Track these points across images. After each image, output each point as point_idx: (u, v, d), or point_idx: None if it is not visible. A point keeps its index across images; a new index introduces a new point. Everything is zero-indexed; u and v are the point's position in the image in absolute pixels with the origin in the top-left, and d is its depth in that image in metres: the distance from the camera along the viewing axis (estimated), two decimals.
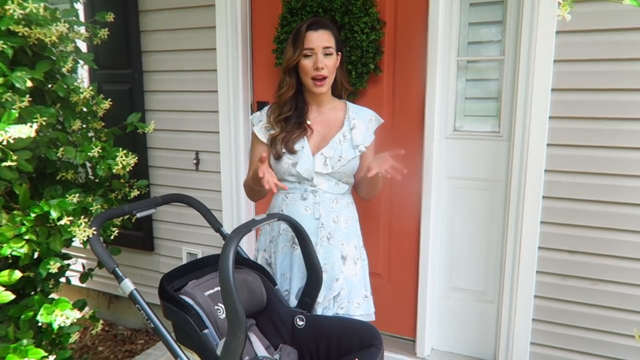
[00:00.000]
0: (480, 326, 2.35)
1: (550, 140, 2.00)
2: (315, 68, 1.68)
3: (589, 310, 2.04)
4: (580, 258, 2.03)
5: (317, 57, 1.68)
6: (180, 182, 2.86)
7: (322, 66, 1.68)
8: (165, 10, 2.70)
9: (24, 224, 1.46)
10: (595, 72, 1.91)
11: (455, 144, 2.29)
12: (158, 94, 2.84)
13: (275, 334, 1.71)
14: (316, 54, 1.69)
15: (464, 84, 2.27)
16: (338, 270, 1.75)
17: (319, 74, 1.69)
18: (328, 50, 1.70)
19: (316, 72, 1.69)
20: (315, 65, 1.68)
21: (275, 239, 1.82)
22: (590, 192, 1.98)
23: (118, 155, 1.69)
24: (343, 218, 1.77)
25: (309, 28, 1.70)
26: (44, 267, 1.50)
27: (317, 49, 1.68)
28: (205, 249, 2.84)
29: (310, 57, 1.69)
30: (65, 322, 1.42)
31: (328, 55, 1.70)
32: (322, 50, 1.69)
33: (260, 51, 2.62)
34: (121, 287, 1.51)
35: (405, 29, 2.29)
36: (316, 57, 1.68)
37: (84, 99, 1.70)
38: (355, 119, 1.79)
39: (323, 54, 1.69)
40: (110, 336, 3.16)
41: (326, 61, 1.69)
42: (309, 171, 1.72)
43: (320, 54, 1.69)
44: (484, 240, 2.30)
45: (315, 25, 1.71)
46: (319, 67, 1.68)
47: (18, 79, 1.36)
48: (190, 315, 1.49)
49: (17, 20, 1.43)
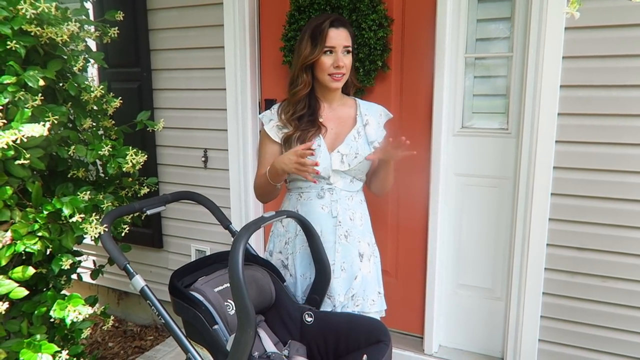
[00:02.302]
0: (488, 323, 2.35)
1: (559, 137, 2.00)
2: (337, 66, 1.66)
3: (598, 308, 2.03)
4: (589, 255, 2.02)
5: (337, 55, 1.66)
6: (188, 180, 2.88)
7: (343, 64, 1.66)
8: (173, 9, 2.72)
9: (37, 221, 1.48)
10: (605, 68, 1.90)
11: (463, 141, 2.29)
12: (167, 92, 2.86)
13: (284, 330, 1.72)
14: (337, 52, 1.66)
15: (472, 80, 2.27)
16: (357, 268, 1.74)
17: (338, 72, 1.68)
18: (348, 48, 1.68)
19: (336, 69, 1.67)
20: (336, 63, 1.66)
21: (291, 240, 1.79)
22: (599, 189, 1.97)
23: (128, 154, 1.71)
24: (358, 215, 1.77)
25: (332, 25, 1.66)
26: (57, 264, 1.53)
27: (338, 47, 1.66)
28: (214, 246, 2.86)
29: (329, 55, 1.67)
30: (77, 317, 1.44)
31: (347, 54, 1.69)
32: (343, 48, 1.67)
33: (268, 49, 2.63)
34: (132, 283, 1.52)
35: (413, 26, 2.28)
36: (337, 55, 1.66)
37: (94, 97, 1.71)
38: (368, 115, 1.78)
39: (344, 52, 1.67)
40: (120, 332, 3.19)
41: (345, 60, 1.68)
42: (327, 169, 1.70)
43: (341, 52, 1.67)
44: (492, 237, 2.29)
45: (336, 22, 1.67)
46: (340, 65, 1.66)
47: (31, 78, 1.38)
48: (200, 311, 1.50)
49: (30, 20, 1.45)
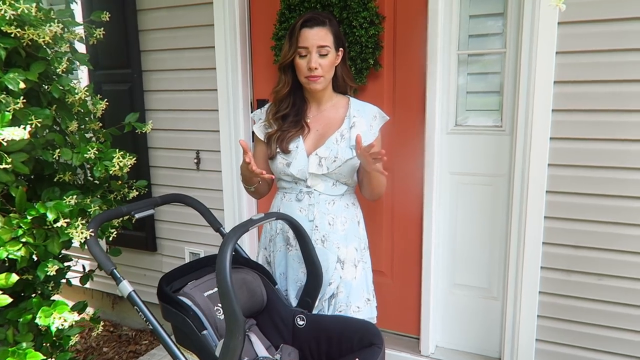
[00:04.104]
0: (485, 323, 2.33)
1: (554, 134, 1.97)
2: (309, 68, 1.62)
3: (595, 306, 2.01)
4: (585, 253, 2.00)
5: (311, 56, 1.61)
6: (181, 182, 2.85)
7: (316, 66, 1.61)
8: (163, 9, 2.69)
9: (20, 226, 1.45)
10: (599, 63, 1.88)
11: (457, 139, 2.26)
12: (158, 93, 2.83)
13: (276, 334, 1.69)
14: (310, 53, 1.61)
15: (466, 77, 2.24)
16: (332, 274, 1.70)
17: (312, 74, 1.63)
18: (324, 49, 1.62)
19: (310, 72, 1.62)
20: (308, 64, 1.61)
21: (273, 238, 1.80)
22: (594, 186, 1.95)
23: (115, 157, 1.68)
24: (340, 220, 1.71)
25: (303, 25, 1.62)
26: (42, 270, 1.49)
27: (311, 48, 1.61)
28: (208, 248, 2.83)
29: (304, 56, 1.63)
30: (63, 324, 1.41)
31: (323, 55, 1.62)
32: (317, 49, 1.61)
33: (259, 48, 2.60)
34: (119, 288, 1.49)
35: (404, 23, 2.26)
36: (310, 56, 1.61)
37: (79, 99, 1.68)
38: (357, 117, 1.71)
39: (318, 53, 1.62)
40: (115, 337, 3.16)
41: (321, 60, 1.62)
42: (303, 172, 1.67)
43: (315, 53, 1.61)
44: (488, 236, 2.27)
45: (310, 22, 1.62)
46: (312, 66, 1.61)
47: (11, 80, 1.35)
48: (188, 316, 1.48)
49: (9, 21, 1.41)
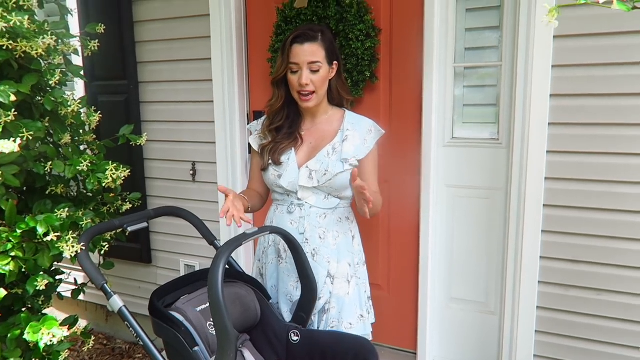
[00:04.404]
0: (482, 338, 2.30)
1: (550, 147, 1.96)
2: (300, 84, 1.61)
3: (593, 322, 1.98)
4: (583, 268, 1.97)
5: (301, 72, 1.61)
6: (177, 193, 2.83)
7: (307, 82, 1.60)
8: (159, 21, 2.69)
9: (10, 240, 1.43)
10: (595, 77, 1.87)
11: (453, 151, 2.24)
12: (154, 104, 2.82)
13: (270, 350, 1.67)
14: (301, 69, 1.61)
15: (462, 90, 2.23)
16: (322, 288, 1.67)
17: (303, 90, 1.62)
18: (315, 65, 1.61)
19: (300, 88, 1.62)
20: (299, 81, 1.61)
21: (266, 250, 1.80)
22: (592, 200, 1.93)
23: (108, 169, 1.67)
24: (332, 234, 1.69)
25: (294, 41, 1.61)
26: (31, 284, 1.47)
27: (302, 64, 1.60)
28: (204, 260, 2.80)
29: (295, 72, 1.62)
30: (51, 340, 1.39)
31: (315, 72, 1.61)
32: (308, 65, 1.60)
33: (255, 60, 2.60)
34: (110, 303, 1.47)
35: (401, 35, 2.25)
36: (301, 72, 1.61)
37: (72, 111, 1.67)
38: (350, 130, 1.69)
39: (309, 69, 1.61)
40: (109, 350, 3.12)
41: (312, 76, 1.61)
42: (293, 184, 1.67)
43: (306, 69, 1.60)
44: (485, 250, 2.25)
45: (300, 38, 1.60)
46: (302, 83, 1.60)
47: (2, 93, 1.33)
48: (180, 332, 1.46)
49: (1, 34, 1.40)
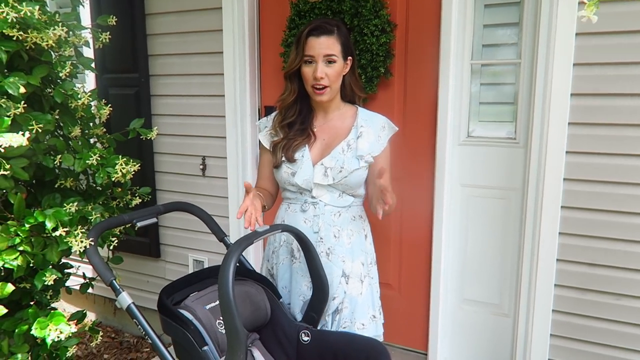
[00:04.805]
0: (495, 340, 2.25)
1: (570, 148, 1.91)
2: (314, 77, 1.58)
3: (611, 327, 1.93)
4: (601, 271, 1.93)
5: (317, 65, 1.58)
6: (186, 188, 2.81)
7: (322, 75, 1.57)
8: (172, 14, 2.66)
9: (18, 234, 1.41)
10: (618, 76, 1.81)
11: (468, 150, 2.20)
12: (165, 98, 2.80)
13: (280, 350, 1.64)
14: (316, 62, 1.58)
15: (478, 88, 2.18)
16: (336, 288, 1.65)
17: (317, 84, 1.59)
18: (330, 58, 1.58)
19: (315, 81, 1.59)
20: (314, 74, 1.58)
21: (277, 250, 1.75)
22: (611, 202, 1.88)
23: (118, 163, 1.64)
24: (346, 233, 1.66)
25: (310, 34, 1.58)
26: (39, 279, 1.45)
27: (317, 57, 1.57)
28: (212, 256, 2.78)
29: (310, 65, 1.59)
30: (59, 336, 1.37)
31: (330, 63, 1.58)
32: (323, 58, 1.57)
33: (267, 54, 2.56)
34: (119, 300, 1.45)
35: (416, 31, 2.21)
36: (316, 65, 1.58)
37: (82, 104, 1.64)
38: (364, 127, 1.66)
39: (324, 62, 1.58)
40: (116, 343, 3.12)
41: (327, 70, 1.58)
42: (308, 182, 1.63)
43: (321, 62, 1.57)
44: (499, 251, 2.20)
45: (316, 30, 1.57)
46: (317, 76, 1.57)
47: (11, 84, 1.31)
48: (189, 330, 1.42)
49: (12, 24, 1.38)
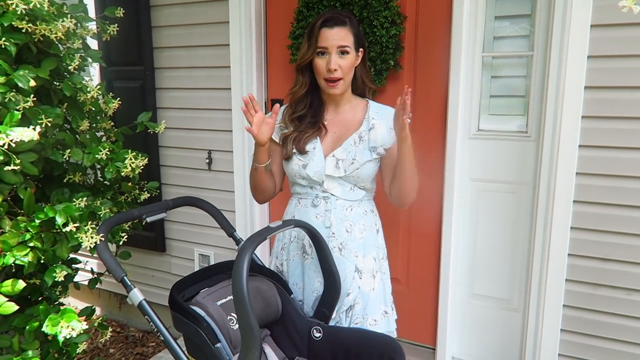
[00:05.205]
0: (505, 335, 2.24)
1: (583, 141, 1.89)
2: (328, 69, 1.55)
3: (622, 322, 1.92)
4: (613, 266, 1.91)
5: (330, 57, 1.55)
6: (192, 182, 2.79)
7: (336, 67, 1.54)
8: (177, 5, 2.63)
9: (28, 230, 1.39)
10: (633, 69, 1.79)
11: (479, 144, 2.18)
12: (170, 91, 2.77)
13: (291, 346, 1.62)
14: (330, 54, 1.55)
15: (489, 81, 2.15)
16: (350, 284, 1.63)
17: (331, 76, 1.56)
18: (344, 49, 1.55)
19: (329, 73, 1.56)
20: (328, 65, 1.55)
21: (286, 246, 1.73)
22: (624, 197, 1.86)
23: (127, 157, 1.62)
24: (358, 227, 1.64)
25: (323, 25, 1.55)
26: (50, 276, 1.43)
27: (331, 48, 1.54)
28: (218, 250, 2.77)
29: (324, 56, 1.56)
30: (70, 333, 1.35)
31: (344, 55, 1.56)
32: (337, 49, 1.54)
33: (275, 47, 2.53)
34: (130, 297, 1.43)
35: (427, 23, 2.18)
36: (330, 57, 1.55)
37: (91, 98, 1.62)
38: (376, 119, 1.64)
39: (338, 53, 1.55)
40: (122, 338, 3.11)
41: (341, 61, 1.55)
42: (319, 174, 1.61)
43: (335, 53, 1.55)
44: (509, 245, 2.18)
45: (330, 21, 1.55)
46: (331, 68, 1.54)
47: (21, 78, 1.28)
48: (201, 327, 1.41)
49: (21, 16, 1.35)
